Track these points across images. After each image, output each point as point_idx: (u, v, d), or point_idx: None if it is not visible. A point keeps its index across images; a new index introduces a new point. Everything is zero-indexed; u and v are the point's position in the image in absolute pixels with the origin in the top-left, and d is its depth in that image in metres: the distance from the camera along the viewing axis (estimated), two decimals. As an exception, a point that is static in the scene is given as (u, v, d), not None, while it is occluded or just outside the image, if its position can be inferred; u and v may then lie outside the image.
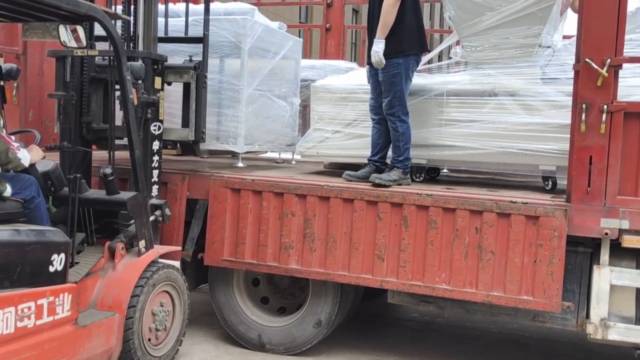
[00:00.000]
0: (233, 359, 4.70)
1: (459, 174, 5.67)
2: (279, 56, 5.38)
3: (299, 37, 6.82)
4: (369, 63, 4.75)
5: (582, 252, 4.19)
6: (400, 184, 4.57)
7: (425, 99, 4.79)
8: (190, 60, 4.79)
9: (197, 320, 5.47)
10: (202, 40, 4.80)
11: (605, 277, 4.03)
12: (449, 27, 5.19)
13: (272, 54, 5.32)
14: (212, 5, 5.07)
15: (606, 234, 3.98)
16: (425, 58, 5.03)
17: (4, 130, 3.66)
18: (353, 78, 5.38)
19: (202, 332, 5.20)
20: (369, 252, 4.39)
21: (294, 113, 5.76)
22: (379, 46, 4.54)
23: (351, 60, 8.30)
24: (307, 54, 6.14)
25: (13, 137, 3.74)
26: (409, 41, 4.62)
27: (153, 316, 4.18)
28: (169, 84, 4.76)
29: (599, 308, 4.05)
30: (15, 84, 5.80)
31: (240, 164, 5.01)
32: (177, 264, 4.72)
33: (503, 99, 4.58)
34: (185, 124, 4.85)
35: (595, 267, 4.08)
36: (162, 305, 4.26)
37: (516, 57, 4.59)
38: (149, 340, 4.17)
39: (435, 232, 4.25)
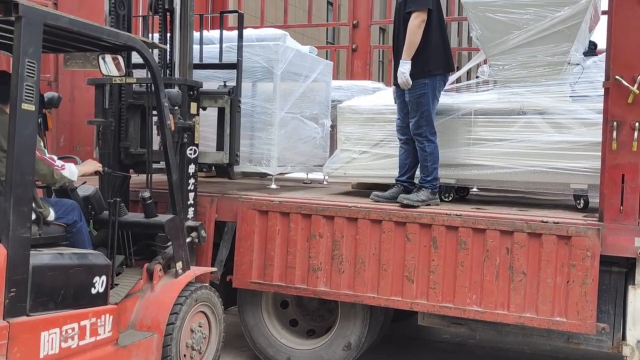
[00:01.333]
0: (262, 382, 4.71)
1: (488, 192, 5.62)
2: (310, 79, 5.45)
3: (326, 57, 6.86)
4: (396, 84, 4.76)
5: (616, 272, 4.10)
6: (428, 204, 4.54)
7: (453, 118, 4.77)
8: (225, 86, 4.91)
9: (226, 342, 5.41)
10: (235, 66, 4.93)
11: (642, 297, 3.93)
12: (476, 46, 5.17)
13: (304, 77, 5.39)
14: (245, 32, 5.18)
15: (641, 253, 3.89)
16: (452, 77, 5.02)
17: (46, 153, 3.76)
18: (380, 98, 5.38)
19: (231, 355, 5.20)
20: (398, 274, 4.36)
21: (325, 134, 5.81)
22: (405, 67, 4.54)
23: (378, 80, 8.31)
24: (334, 74, 6.15)
25: (56, 157, 3.84)
26: (435, 61, 4.61)
27: (190, 336, 4.23)
28: (204, 108, 4.88)
29: (635, 329, 3.96)
30: (48, 111, 5.93)
31: (273, 186, 5.07)
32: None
33: (532, 117, 4.54)
34: (219, 147, 4.97)
35: (630, 287, 3.99)
36: (199, 325, 4.31)
37: (544, 75, 4.56)
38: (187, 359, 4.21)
39: (465, 252, 4.20)
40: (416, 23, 4.51)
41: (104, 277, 3.61)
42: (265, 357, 4.93)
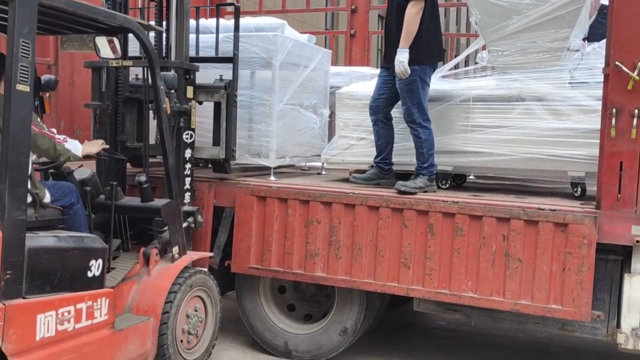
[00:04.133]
0: (259, 366, 4.73)
1: (485, 180, 5.62)
2: (309, 69, 5.41)
3: (325, 44, 6.82)
4: (384, 66, 4.78)
5: (613, 260, 4.10)
6: (426, 191, 4.54)
7: (451, 104, 4.75)
8: (221, 80, 4.86)
9: (225, 326, 5.46)
10: (232, 59, 4.87)
11: (637, 285, 3.95)
12: (475, 32, 5.14)
13: (302, 67, 5.35)
14: (243, 21, 5.13)
15: (637, 241, 3.89)
16: (451, 63, 4.99)
17: (45, 128, 3.71)
18: (378, 84, 5.36)
19: (229, 339, 5.22)
20: (395, 260, 4.36)
21: (323, 124, 5.79)
22: (403, 56, 4.52)
23: (377, 66, 8.26)
24: (332, 60, 6.11)
25: (55, 130, 3.79)
26: (427, 50, 4.62)
27: (187, 320, 4.24)
28: (200, 103, 4.82)
29: (630, 317, 3.97)
30: (48, 94, 5.90)
31: (272, 178, 5.04)
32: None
33: (530, 104, 4.52)
34: (216, 142, 4.91)
35: (626, 275, 3.99)
36: (195, 310, 4.31)
37: (544, 62, 4.53)
38: (183, 344, 4.22)
39: (461, 239, 4.21)
40: (414, 11, 4.50)
41: (100, 261, 3.60)
42: (263, 342, 4.95)
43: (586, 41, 4.76)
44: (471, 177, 5.56)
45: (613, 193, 3.95)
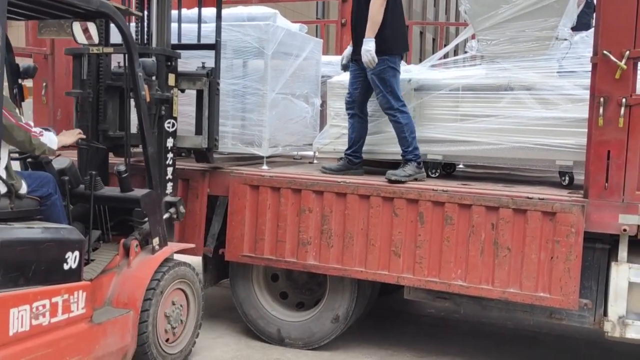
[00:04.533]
0: (254, 353, 4.76)
1: (474, 169, 5.64)
2: (300, 58, 5.41)
3: (316, 33, 6.80)
4: (355, 59, 4.83)
5: (600, 249, 4.14)
6: (415, 179, 4.58)
7: (440, 94, 4.76)
8: (203, 67, 4.78)
9: (219, 314, 5.56)
10: (214, 46, 4.80)
11: (624, 274, 3.98)
12: (465, 21, 5.13)
13: (294, 57, 5.35)
14: (235, 10, 5.15)
15: (624, 230, 3.93)
16: (440, 52, 4.99)
17: (22, 120, 3.63)
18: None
19: (223, 326, 5.27)
20: (386, 249, 4.40)
21: (315, 113, 5.80)
22: (370, 45, 4.57)
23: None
24: (324, 50, 6.10)
25: (32, 123, 3.71)
26: (393, 39, 4.69)
27: (167, 314, 4.20)
28: (183, 91, 4.76)
29: (617, 305, 4.00)
30: (44, 84, 5.88)
31: (265, 167, 5.06)
32: (197, 259, 4.75)
33: (519, 93, 4.53)
34: (198, 131, 4.83)
35: (613, 264, 4.03)
36: (175, 303, 4.27)
37: (532, 51, 4.54)
38: (164, 337, 4.18)
39: (451, 228, 4.24)
40: (379, 2, 4.56)
41: (77, 253, 3.53)
42: (256, 329, 4.99)
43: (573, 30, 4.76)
44: (460, 166, 5.58)
45: (600, 182, 3.97)
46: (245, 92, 5.10)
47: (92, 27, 3.78)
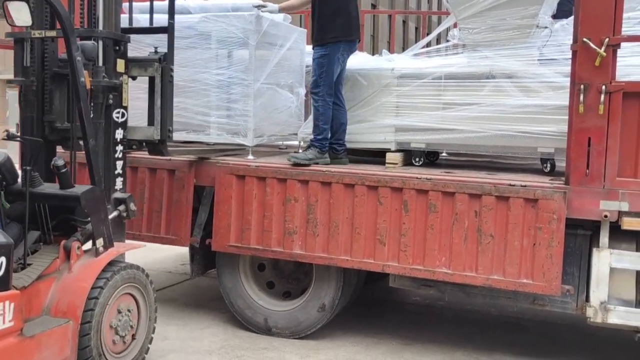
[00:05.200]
0: (241, 342, 4.78)
1: (458, 157, 5.67)
2: (285, 48, 5.39)
3: (300, 23, 6.77)
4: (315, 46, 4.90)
5: (582, 235, 4.18)
6: (317, 163, 4.69)
7: (423, 82, 4.78)
8: (156, 52, 4.49)
9: (206, 304, 5.58)
10: (167, 30, 4.48)
11: (605, 260, 4.02)
12: (447, 10, 5.13)
13: (279, 46, 5.34)
14: (220, 1, 5.11)
15: (605, 216, 3.96)
16: (423, 41, 4.99)
17: None
18: (352, 63, 5.33)
19: (211, 317, 5.29)
20: (371, 237, 4.43)
21: (299, 103, 5.80)
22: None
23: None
24: (308, 40, 6.08)
25: None
26: (343, 28, 4.76)
27: (114, 321, 3.84)
28: (134, 78, 4.47)
29: (598, 291, 4.04)
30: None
31: (250, 157, 5.06)
32: (184, 250, 4.70)
33: (501, 81, 4.56)
34: (151, 122, 4.51)
35: (594, 250, 4.07)
36: (120, 312, 3.89)
37: (513, 39, 4.56)
38: (110, 347, 3.82)
39: (435, 216, 4.27)
40: None
41: (3, 259, 3.16)
42: (243, 319, 5.01)
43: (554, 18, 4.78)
44: (444, 154, 5.61)
45: (581, 169, 4.01)
46: (230, 83, 5.09)
47: (23, 7, 3.51)
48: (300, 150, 5.72)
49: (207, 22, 4.92)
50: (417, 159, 4.94)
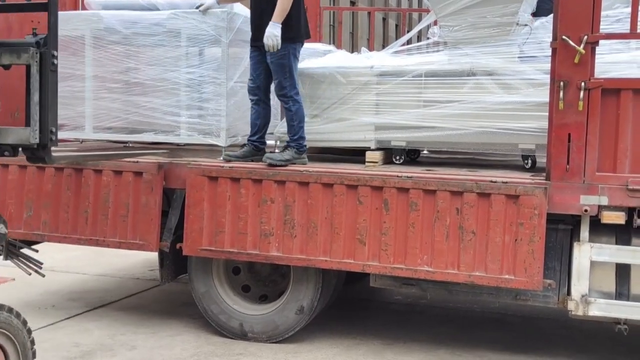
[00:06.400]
0: (215, 349, 4.65)
1: (439, 154, 5.66)
2: (258, 46, 5.33)
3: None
4: (254, 46, 4.82)
5: (563, 230, 4.21)
6: (294, 164, 4.63)
7: (403, 80, 4.76)
8: (34, 35, 3.48)
9: (177, 311, 5.44)
10: (46, 7, 3.43)
11: (586, 253, 4.07)
12: (427, 7, 5.14)
13: (252, 44, 5.27)
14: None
15: (586, 210, 4.00)
16: (403, 38, 4.99)
17: None
18: (330, 60, 5.32)
19: (182, 324, 5.15)
20: (350, 237, 4.36)
21: (275, 102, 5.72)
22: (277, 29, 4.56)
23: (329, 43, 8.21)
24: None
25: None
26: (298, 27, 4.74)
27: None
28: (7, 67, 3.56)
29: (579, 284, 4.08)
30: None
31: (224, 157, 4.94)
32: (152, 255, 4.53)
33: (481, 78, 4.57)
34: (27, 122, 3.48)
35: (575, 244, 4.11)
36: None
37: (494, 36, 4.58)
38: None
39: (416, 214, 4.23)
40: None
41: None
42: (218, 324, 4.89)
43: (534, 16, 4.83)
44: (425, 151, 5.60)
45: (562, 164, 4.04)
46: (202, 82, 5.00)
47: None
48: (277, 150, 5.66)
49: (177, 19, 4.83)
50: (397, 157, 4.92)
